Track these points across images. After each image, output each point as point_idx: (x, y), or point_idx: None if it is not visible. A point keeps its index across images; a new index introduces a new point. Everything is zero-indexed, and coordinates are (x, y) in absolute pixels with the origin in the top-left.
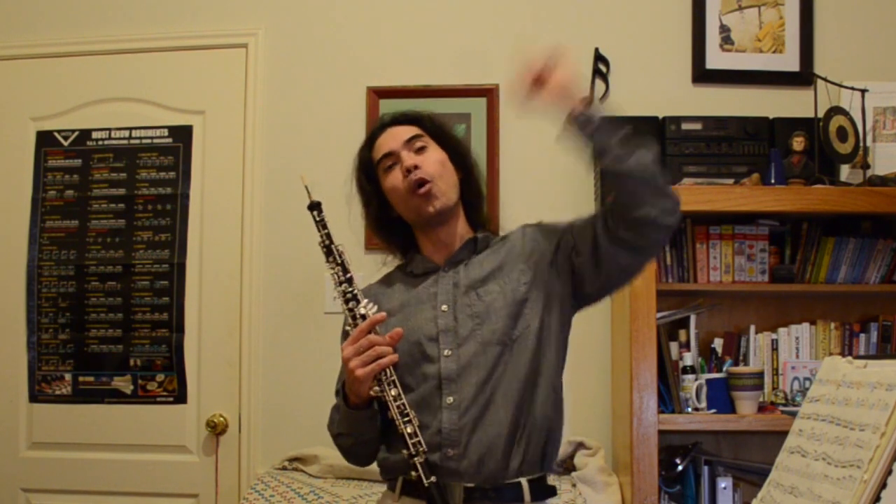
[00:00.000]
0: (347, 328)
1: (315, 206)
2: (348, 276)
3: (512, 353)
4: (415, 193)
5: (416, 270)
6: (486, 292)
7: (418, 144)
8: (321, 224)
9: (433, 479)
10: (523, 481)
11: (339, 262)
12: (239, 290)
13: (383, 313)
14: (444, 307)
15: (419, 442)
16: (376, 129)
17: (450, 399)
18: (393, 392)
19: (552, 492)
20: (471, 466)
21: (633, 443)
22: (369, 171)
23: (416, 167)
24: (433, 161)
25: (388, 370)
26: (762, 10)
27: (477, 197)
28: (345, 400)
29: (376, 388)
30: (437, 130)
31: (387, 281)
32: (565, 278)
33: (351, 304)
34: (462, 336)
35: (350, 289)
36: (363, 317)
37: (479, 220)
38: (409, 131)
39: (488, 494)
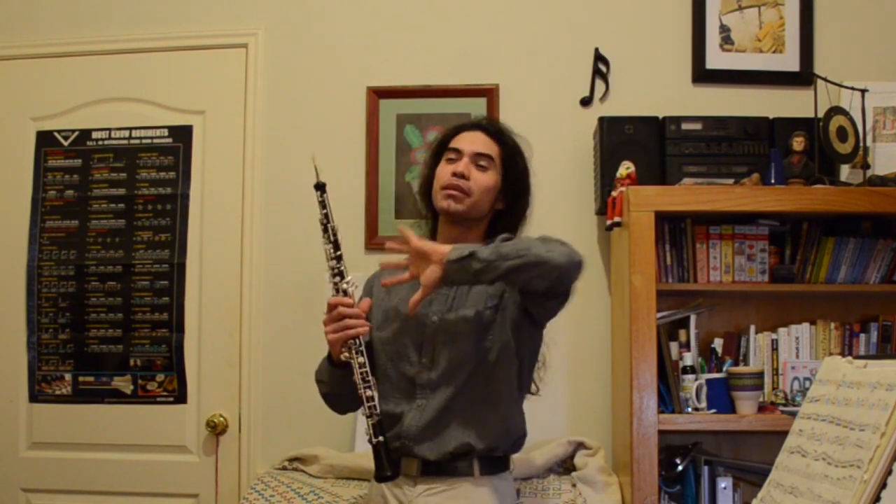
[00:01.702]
0: (331, 296)
1: (320, 187)
2: (338, 253)
3: (478, 371)
4: (443, 188)
5: None
6: (461, 311)
7: (483, 163)
8: (322, 203)
9: (380, 438)
10: (475, 460)
11: (333, 240)
12: (239, 290)
13: (350, 300)
14: (435, 318)
15: (374, 406)
16: (469, 123)
17: (419, 402)
18: (359, 359)
19: (505, 465)
20: (427, 453)
21: (633, 443)
22: (441, 148)
23: (463, 176)
24: (482, 184)
25: (357, 339)
26: (762, 10)
27: (507, 230)
28: (329, 354)
29: (345, 353)
30: (511, 162)
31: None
32: (517, 304)
33: (336, 279)
34: (439, 348)
35: (338, 265)
36: (345, 291)
37: (496, 235)
38: (486, 146)
39: (443, 468)
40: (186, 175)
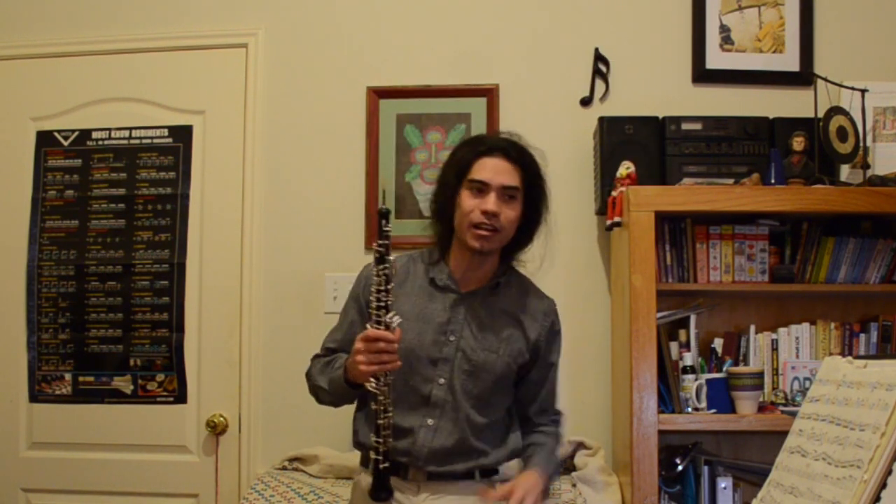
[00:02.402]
0: (368, 325)
1: (384, 215)
2: (389, 286)
3: (484, 408)
4: (474, 227)
5: (438, 282)
6: (489, 349)
7: (511, 194)
8: (384, 234)
9: (387, 464)
10: (477, 470)
11: (386, 273)
12: (239, 290)
13: (392, 335)
14: (452, 338)
15: (389, 435)
16: (490, 145)
17: (430, 421)
18: (384, 388)
19: (496, 470)
20: (433, 466)
21: (633, 443)
22: (462, 172)
23: (495, 215)
24: (511, 217)
25: (387, 373)
26: (762, 10)
27: (524, 240)
28: (345, 372)
29: (373, 383)
30: (531, 185)
31: (406, 274)
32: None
33: (380, 312)
34: (457, 371)
35: (386, 298)
36: (387, 325)
37: (511, 255)
38: (512, 177)
39: (447, 476)
40: (186, 175)
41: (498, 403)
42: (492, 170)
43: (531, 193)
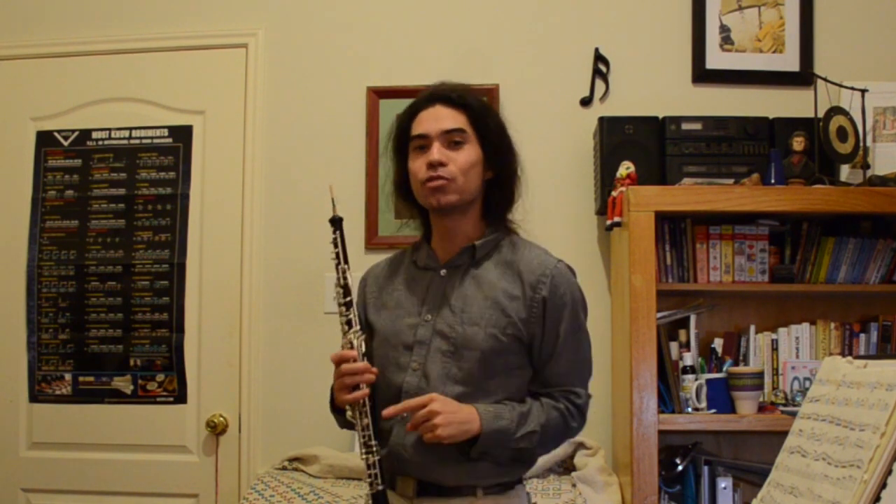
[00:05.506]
0: (341, 348)
1: (336, 223)
2: (348, 299)
3: (474, 395)
4: (426, 184)
5: (420, 263)
6: (469, 321)
7: (456, 139)
8: (335, 242)
9: None
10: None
11: (343, 284)
12: (239, 290)
13: (354, 353)
14: (428, 316)
15: (376, 475)
16: (425, 98)
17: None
18: (364, 421)
19: (509, 484)
20: (419, 471)
21: (633, 443)
22: (403, 138)
23: (440, 164)
24: (462, 162)
25: (362, 400)
26: (762, 10)
27: (504, 198)
28: (333, 399)
29: (349, 412)
30: (483, 125)
31: (395, 267)
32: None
33: (344, 328)
34: (433, 354)
35: (347, 313)
36: (351, 343)
37: (497, 220)
38: (452, 120)
39: (441, 490)
40: (186, 175)
41: (494, 391)
42: (429, 119)
43: (485, 135)
